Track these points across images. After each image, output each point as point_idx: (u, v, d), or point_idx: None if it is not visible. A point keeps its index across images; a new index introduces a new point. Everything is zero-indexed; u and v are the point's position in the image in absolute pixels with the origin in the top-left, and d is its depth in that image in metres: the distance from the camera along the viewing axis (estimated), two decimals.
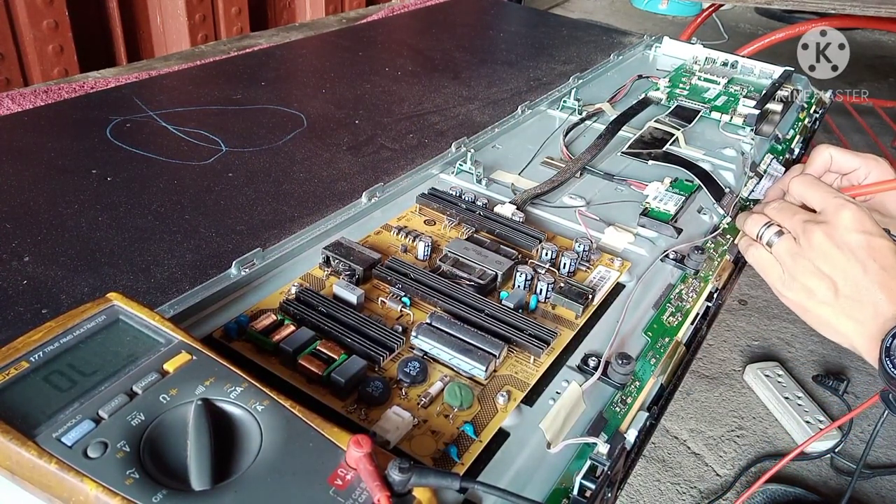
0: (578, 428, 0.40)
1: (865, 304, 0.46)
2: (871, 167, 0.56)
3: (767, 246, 0.51)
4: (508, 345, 0.42)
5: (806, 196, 0.51)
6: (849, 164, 0.57)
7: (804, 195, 0.51)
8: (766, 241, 0.51)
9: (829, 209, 0.48)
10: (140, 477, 0.28)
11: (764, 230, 0.52)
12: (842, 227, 0.47)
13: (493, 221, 0.54)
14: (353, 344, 0.40)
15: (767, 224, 0.52)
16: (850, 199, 0.48)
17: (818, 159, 0.57)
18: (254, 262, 0.47)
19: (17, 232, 0.51)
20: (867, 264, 0.46)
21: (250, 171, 0.63)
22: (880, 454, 1.18)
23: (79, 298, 0.45)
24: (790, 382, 1.27)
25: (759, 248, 0.52)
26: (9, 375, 0.30)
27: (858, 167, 0.56)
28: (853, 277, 0.46)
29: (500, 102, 0.83)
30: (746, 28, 3.33)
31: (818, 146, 0.58)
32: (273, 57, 0.95)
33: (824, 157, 0.57)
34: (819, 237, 0.47)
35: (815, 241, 0.47)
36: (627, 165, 0.69)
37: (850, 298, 0.46)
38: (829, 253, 0.47)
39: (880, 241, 0.46)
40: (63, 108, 0.74)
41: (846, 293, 0.47)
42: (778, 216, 0.51)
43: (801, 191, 0.51)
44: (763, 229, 0.52)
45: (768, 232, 0.51)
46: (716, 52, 0.99)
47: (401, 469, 0.29)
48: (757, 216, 0.53)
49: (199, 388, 0.32)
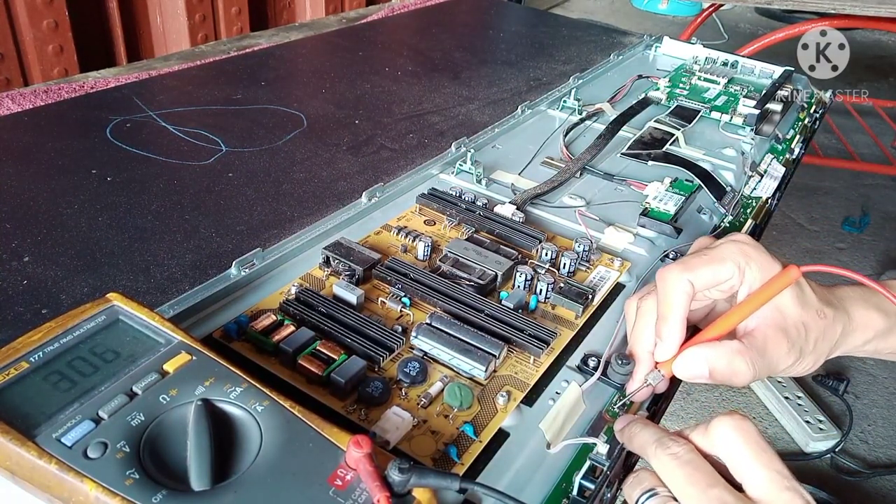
0: (578, 428, 0.40)
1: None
2: (742, 265, 0.39)
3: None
4: (508, 345, 0.42)
5: (738, 462, 0.32)
6: (715, 278, 0.39)
7: (734, 459, 0.32)
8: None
9: (771, 496, 0.31)
10: (140, 477, 0.28)
11: (645, 500, 0.33)
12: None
13: (493, 221, 0.54)
14: (353, 344, 0.40)
15: (650, 492, 0.33)
16: (804, 490, 0.31)
17: (675, 298, 0.39)
18: (254, 262, 0.47)
19: (17, 232, 0.51)
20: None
21: (250, 171, 0.63)
22: (880, 454, 1.18)
23: (79, 298, 0.45)
24: (790, 382, 1.27)
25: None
26: (9, 375, 0.30)
27: (730, 276, 0.39)
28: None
29: (500, 102, 0.83)
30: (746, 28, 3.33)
31: (665, 275, 0.39)
32: (273, 57, 0.95)
33: (679, 291, 0.39)
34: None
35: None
36: (627, 165, 0.69)
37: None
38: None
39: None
40: (63, 108, 0.74)
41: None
42: (676, 482, 0.32)
43: (730, 450, 0.33)
44: (642, 499, 0.33)
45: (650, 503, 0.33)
46: (716, 52, 0.99)
47: (400, 469, 0.29)
48: (642, 476, 0.34)
49: (199, 388, 0.32)
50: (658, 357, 0.40)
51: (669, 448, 0.33)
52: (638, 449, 0.35)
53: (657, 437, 0.34)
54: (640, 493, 0.34)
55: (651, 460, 0.34)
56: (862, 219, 1.81)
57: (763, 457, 0.32)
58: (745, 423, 0.33)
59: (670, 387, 0.44)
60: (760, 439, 0.33)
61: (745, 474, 0.32)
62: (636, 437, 0.35)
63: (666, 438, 0.34)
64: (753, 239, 0.41)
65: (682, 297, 0.39)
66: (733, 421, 0.33)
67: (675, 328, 0.39)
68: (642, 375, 0.41)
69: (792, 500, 0.31)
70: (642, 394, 0.41)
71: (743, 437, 0.32)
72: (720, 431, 0.33)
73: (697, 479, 0.32)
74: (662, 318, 0.39)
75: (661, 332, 0.39)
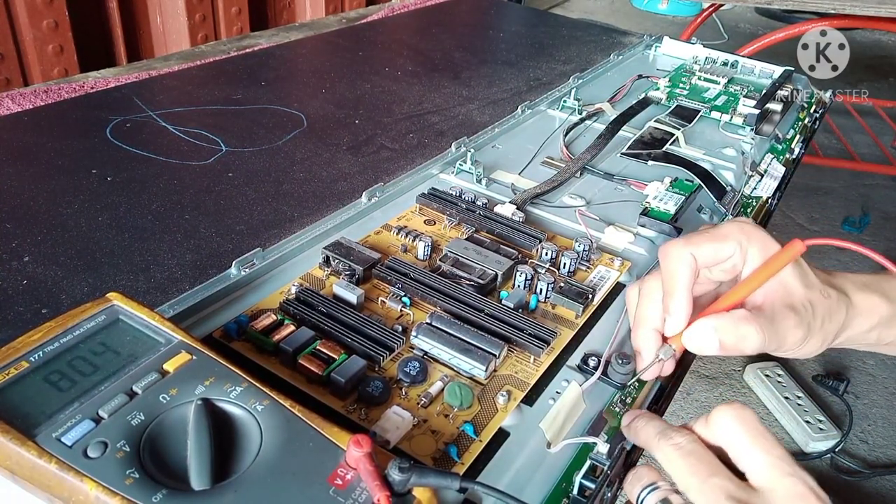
0: (578, 427, 0.40)
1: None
2: (744, 243, 0.40)
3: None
4: (508, 344, 0.42)
5: (739, 450, 0.33)
6: (716, 255, 0.40)
7: (735, 447, 0.33)
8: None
9: (779, 497, 0.31)
10: (140, 477, 0.28)
11: (644, 495, 0.33)
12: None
13: (493, 221, 0.54)
14: (353, 344, 0.40)
15: (651, 486, 0.34)
16: (815, 488, 0.31)
17: (679, 271, 0.39)
18: (254, 262, 0.47)
19: (17, 232, 0.51)
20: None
21: (250, 171, 0.63)
22: (880, 454, 1.18)
23: (79, 298, 0.45)
24: (790, 382, 1.27)
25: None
26: (9, 375, 0.30)
27: (732, 253, 0.40)
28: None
29: (500, 102, 0.83)
30: (746, 28, 3.33)
31: (668, 250, 0.40)
32: (273, 57, 0.95)
33: (684, 263, 0.39)
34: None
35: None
36: (627, 165, 0.69)
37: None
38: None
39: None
40: (63, 108, 0.74)
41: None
42: (678, 472, 0.33)
43: (730, 438, 0.33)
44: (643, 494, 0.34)
45: (649, 499, 0.33)
46: (716, 52, 0.99)
47: (401, 469, 0.29)
48: (641, 472, 0.35)
49: (199, 387, 0.32)
50: (668, 331, 0.40)
51: (672, 439, 0.34)
52: (643, 442, 0.36)
53: (661, 430, 0.35)
54: (640, 489, 0.34)
55: (655, 452, 0.35)
56: (862, 219, 1.81)
57: (763, 443, 0.32)
58: (745, 411, 0.33)
59: (671, 387, 0.44)
60: (760, 426, 0.33)
61: (746, 461, 0.32)
62: (641, 431, 0.36)
63: (669, 430, 0.35)
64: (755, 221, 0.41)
65: (686, 270, 0.39)
66: (733, 409, 0.33)
67: (682, 301, 0.39)
68: (652, 353, 0.41)
69: (794, 485, 0.30)
70: (653, 371, 0.41)
71: (743, 425, 0.33)
72: (720, 420, 0.33)
73: (699, 469, 0.32)
74: (668, 293, 0.40)
75: (669, 306, 0.40)
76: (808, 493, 0.30)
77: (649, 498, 0.33)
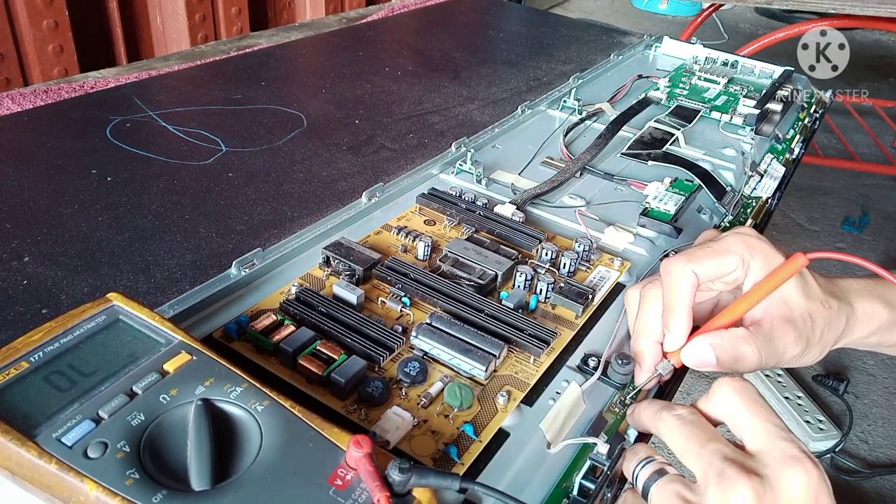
0: (578, 428, 0.40)
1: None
2: (746, 257, 0.39)
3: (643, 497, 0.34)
4: (508, 345, 0.42)
5: (737, 419, 0.34)
6: (719, 270, 0.40)
7: (734, 417, 0.34)
8: (640, 486, 0.34)
9: (772, 458, 0.31)
10: (140, 477, 0.28)
11: (639, 470, 0.34)
12: (785, 494, 0.30)
13: (493, 221, 0.54)
14: (353, 344, 0.40)
15: (646, 459, 0.34)
16: (808, 453, 0.31)
17: (680, 289, 0.39)
18: (254, 262, 0.47)
19: (17, 232, 0.51)
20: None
21: (250, 171, 0.63)
22: (880, 454, 1.18)
23: (79, 298, 0.45)
24: (790, 382, 1.27)
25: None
26: (9, 375, 0.30)
27: (734, 268, 0.40)
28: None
29: (500, 102, 0.83)
30: (746, 28, 3.33)
31: (669, 267, 0.40)
32: (273, 57, 0.95)
33: (685, 282, 0.39)
34: (743, 497, 0.30)
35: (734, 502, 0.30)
36: (627, 165, 0.69)
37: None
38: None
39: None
40: (63, 108, 0.74)
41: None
42: (676, 440, 0.34)
43: (729, 408, 0.34)
44: (638, 468, 0.34)
45: (644, 472, 0.34)
46: (716, 52, 0.99)
47: (401, 469, 0.29)
48: (637, 448, 0.35)
49: (199, 388, 0.32)
50: (667, 348, 0.41)
51: (675, 410, 0.35)
52: (646, 421, 0.36)
53: (664, 405, 0.36)
54: (636, 464, 0.34)
55: (657, 424, 0.35)
56: (862, 219, 1.81)
57: (760, 411, 0.33)
58: (743, 383, 0.34)
59: (671, 386, 0.44)
60: (758, 396, 0.34)
61: (742, 428, 0.33)
62: (644, 411, 0.37)
63: (672, 404, 0.36)
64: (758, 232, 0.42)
65: (687, 288, 0.39)
66: (733, 381, 0.34)
67: (681, 319, 0.40)
68: (650, 365, 0.41)
69: (788, 448, 0.31)
70: (651, 383, 0.42)
71: (740, 395, 0.34)
72: (720, 392, 0.35)
73: (697, 435, 0.33)
74: (669, 310, 0.40)
75: (669, 323, 0.40)
76: (801, 455, 0.31)
77: (644, 471, 0.34)
